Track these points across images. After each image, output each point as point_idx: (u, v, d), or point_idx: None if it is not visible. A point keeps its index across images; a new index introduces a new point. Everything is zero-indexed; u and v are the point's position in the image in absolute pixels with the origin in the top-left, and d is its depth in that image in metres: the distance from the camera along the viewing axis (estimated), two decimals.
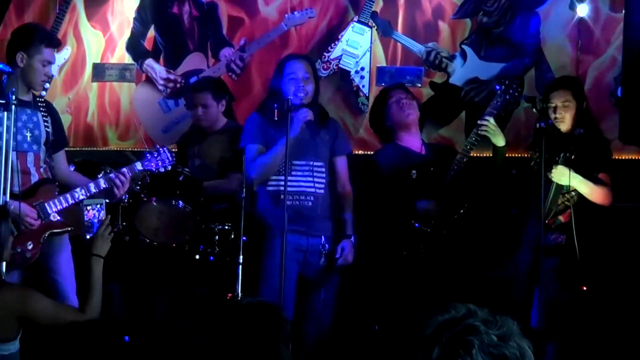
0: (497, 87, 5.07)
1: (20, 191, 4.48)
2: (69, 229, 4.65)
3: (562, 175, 4.71)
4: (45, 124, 4.64)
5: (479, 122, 4.98)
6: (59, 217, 4.55)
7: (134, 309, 5.68)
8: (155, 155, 4.77)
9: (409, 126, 5.15)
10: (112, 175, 4.60)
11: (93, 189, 4.56)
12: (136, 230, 5.30)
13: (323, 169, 4.89)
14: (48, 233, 4.52)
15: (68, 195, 4.53)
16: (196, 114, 5.67)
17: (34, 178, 4.56)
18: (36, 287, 4.43)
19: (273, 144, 4.79)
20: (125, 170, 4.63)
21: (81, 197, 4.56)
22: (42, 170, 4.61)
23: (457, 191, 4.97)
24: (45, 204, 4.49)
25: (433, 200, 4.95)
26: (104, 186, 4.58)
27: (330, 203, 4.91)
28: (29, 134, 4.56)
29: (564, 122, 4.87)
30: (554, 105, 4.87)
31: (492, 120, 4.94)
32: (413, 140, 5.18)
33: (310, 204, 4.81)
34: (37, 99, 4.71)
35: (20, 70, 4.52)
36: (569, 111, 4.88)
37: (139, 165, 4.72)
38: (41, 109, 4.66)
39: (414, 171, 4.98)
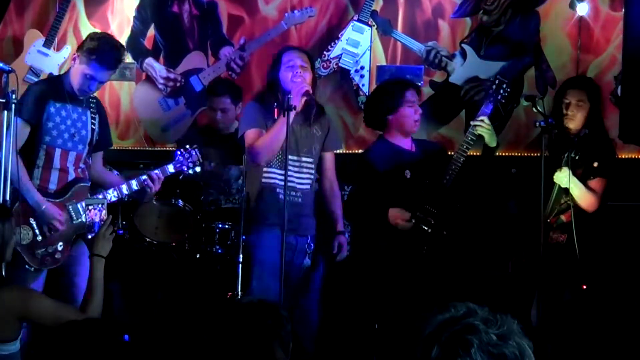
0: (488, 88, 5.07)
1: (55, 190, 4.50)
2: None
3: (564, 176, 4.73)
4: (93, 122, 4.64)
5: (472, 122, 4.97)
6: (89, 218, 4.56)
7: (134, 308, 5.68)
8: (187, 156, 4.76)
9: (410, 133, 5.14)
10: (143, 177, 4.60)
11: (125, 191, 4.58)
12: (136, 229, 5.31)
13: (312, 166, 4.85)
14: (78, 234, 4.53)
15: (100, 196, 4.55)
16: (214, 117, 5.67)
17: (70, 177, 4.56)
18: (54, 286, 4.45)
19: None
20: (158, 172, 4.64)
21: (113, 199, 4.58)
22: (79, 170, 4.61)
23: (457, 192, 4.97)
24: (78, 205, 4.50)
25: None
26: (136, 188, 4.60)
27: (314, 200, 4.90)
28: (76, 134, 4.56)
29: (574, 120, 4.87)
30: (568, 101, 4.88)
31: (486, 120, 4.94)
32: (404, 139, 5.16)
33: (300, 200, 4.78)
34: (90, 96, 4.71)
35: (72, 70, 4.56)
36: (581, 111, 4.88)
37: (170, 168, 4.71)
38: (91, 107, 4.67)
39: (407, 171, 4.96)
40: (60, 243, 4.45)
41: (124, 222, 5.34)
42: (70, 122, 4.54)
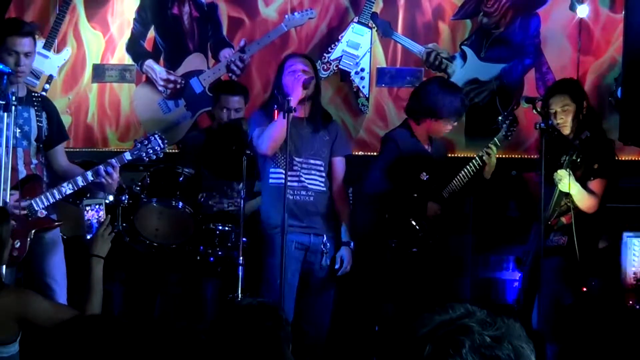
0: (502, 124, 5.08)
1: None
2: (58, 224, 4.61)
3: (564, 179, 4.73)
4: (38, 119, 4.59)
5: (485, 149, 5.01)
6: (46, 213, 4.51)
7: (134, 310, 5.68)
8: (146, 143, 4.64)
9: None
10: (99, 167, 4.52)
11: (81, 182, 4.49)
12: (136, 231, 5.30)
13: (322, 168, 4.91)
14: (35, 230, 4.49)
15: (55, 191, 4.47)
16: (228, 116, 5.66)
17: (21, 175, 4.51)
18: (29, 288, 4.43)
19: None
20: (113, 161, 4.54)
21: (69, 192, 4.48)
22: (32, 167, 4.57)
23: (454, 203, 5.06)
24: (32, 201, 4.45)
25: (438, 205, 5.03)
26: (92, 179, 4.50)
27: (331, 202, 4.93)
28: (18, 130, 4.51)
29: (566, 126, 4.89)
30: (553, 110, 4.89)
31: (495, 150, 4.97)
32: (424, 137, 5.24)
33: (311, 199, 4.83)
34: (33, 94, 4.67)
35: None
36: (569, 115, 4.90)
37: (127, 155, 4.60)
38: (35, 104, 4.61)
39: (424, 173, 5.03)
40: (17, 241, 4.41)
41: (124, 224, 5.33)
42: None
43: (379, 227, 5.02)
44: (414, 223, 4.97)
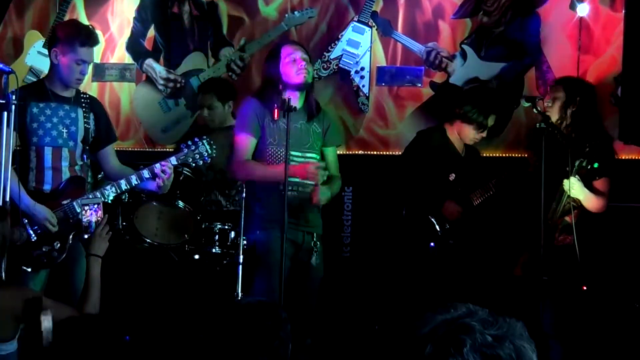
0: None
1: (51, 189, 4.47)
2: None
3: (574, 185, 4.75)
4: (86, 120, 4.59)
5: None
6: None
7: (134, 309, 5.68)
8: (193, 148, 4.57)
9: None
10: (143, 171, 4.49)
11: (124, 186, 4.48)
12: (136, 230, 5.30)
13: (316, 161, 4.80)
14: (75, 232, 4.48)
15: (98, 193, 4.44)
16: (201, 114, 5.67)
17: (65, 176, 4.52)
18: (51, 287, 4.43)
19: (268, 132, 4.73)
20: (162, 164, 4.49)
21: (112, 195, 4.46)
22: (77, 168, 4.56)
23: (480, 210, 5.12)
24: (74, 203, 4.44)
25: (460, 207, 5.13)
26: (136, 182, 4.49)
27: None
28: (64, 130, 4.53)
29: (551, 112, 4.94)
30: (547, 97, 5.01)
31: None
32: (457, 138, 5.32)
33: (308, 195, 4.72)
34: (81, 95, 4.67)
35: (55, 67, 4.52)
36: (557, 102, 4.97)
37: (173, 160, 4.54)
38: (83, 105, 4.62)
39: (453, 174, 5.08)
40: (57, 242, 4.41)
41: (124, 223, 5.33)
42: (56, 119, 4.50)
43: (396, 223, 5.10)
44: (433, 220, 5.04)
